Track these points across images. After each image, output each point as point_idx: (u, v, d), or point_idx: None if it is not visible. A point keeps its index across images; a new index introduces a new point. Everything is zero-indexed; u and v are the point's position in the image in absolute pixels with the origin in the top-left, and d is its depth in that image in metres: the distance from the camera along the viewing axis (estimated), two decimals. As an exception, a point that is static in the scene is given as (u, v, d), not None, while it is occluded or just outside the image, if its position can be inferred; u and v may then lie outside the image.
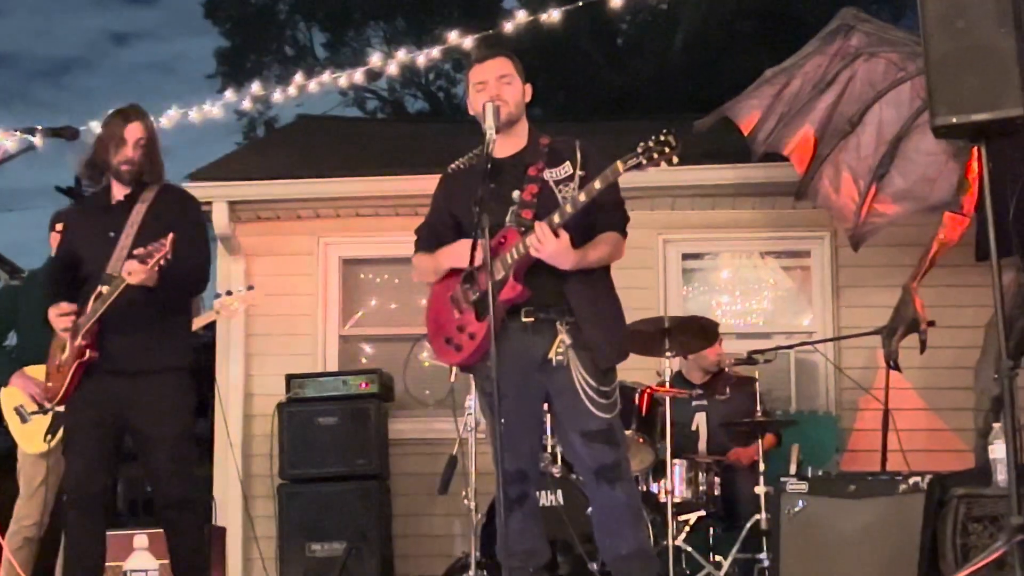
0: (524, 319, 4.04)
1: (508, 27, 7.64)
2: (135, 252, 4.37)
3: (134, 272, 4.37)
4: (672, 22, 19.60)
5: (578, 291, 4.06)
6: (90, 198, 4.86)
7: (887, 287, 6.83)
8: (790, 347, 7.20)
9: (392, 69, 8.24)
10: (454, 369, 4.50)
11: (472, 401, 5.78)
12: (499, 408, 3.76)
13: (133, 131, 4.63)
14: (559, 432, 4.31)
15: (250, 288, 6.12)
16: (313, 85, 8.19)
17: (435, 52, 8.19)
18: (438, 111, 22.01)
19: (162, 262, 4.33)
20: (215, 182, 7.76)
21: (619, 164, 3.89)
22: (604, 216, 4.13)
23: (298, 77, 8.22)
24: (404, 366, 7.40)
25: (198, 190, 7.45)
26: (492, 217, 3.86)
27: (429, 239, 4.34)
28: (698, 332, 6.16)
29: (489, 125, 3.99)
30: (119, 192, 4.68)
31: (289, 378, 7.40)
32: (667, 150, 3.84)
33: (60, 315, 4.55)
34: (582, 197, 3.94)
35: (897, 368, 6.04)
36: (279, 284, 7.65)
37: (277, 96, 8.43)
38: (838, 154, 6.73)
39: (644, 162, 3.86)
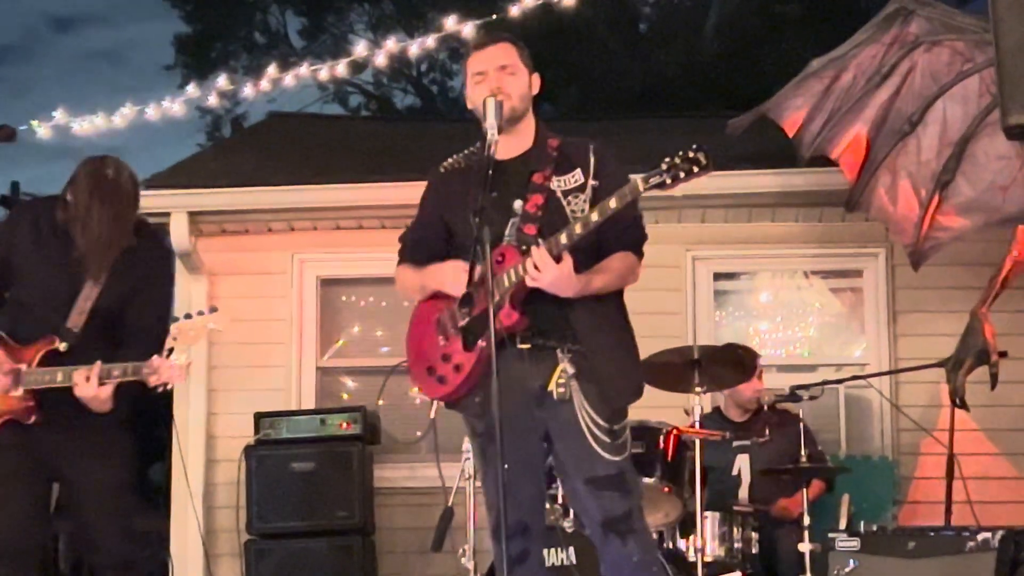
0: (520, 345, 4.03)
1: (514, 10, 7.68)
2: (99, 364, 4.35)
3: (82, 389, 4.36)
4: (703, 5, 19.68)
5: (585, 317, 4.04)
6: (45, 215, 4.72)
7: (952, 312, 6.83)
8: (840, 382, 7.20)
9: (379, 60, 8.27)
10: (435, 403, 4.46)
11: (470, 445, 5.77)
12: (501, 450, 3.75)
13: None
14: (561, 478, 4.29)
15: (213, 311, 6.11)
16: (288, 78, 8.22)
17: (429, 40, 8.22)
18: (432, 108, 22.07)
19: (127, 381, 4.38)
20: (173, 190, 7.79)
21: (639, 182, 3.87)
22: (617, 233, 4.09)
23: (270, 69, 8.25)
24: (378, 394, 7.39)
25: (154, 199, 7.48)
26: (490, 228, 3.86)
27: (416, 249, 4.32)
28: (733, 364, 6.15)
29: (490, 124, 3.98)
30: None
31: (258, 417, 7.41)
32: (696, 168, 3.81)
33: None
34: (594, 217, 3.91)
35: (964, 406, 6.04)
36: (247, 308, 7.66)
37: (246, 91, 8.46)
38: (895, 158, 6.74)
39: (668, 181, 3.83)
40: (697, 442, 5.79)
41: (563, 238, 3.92)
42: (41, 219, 4.67)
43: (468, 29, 7.71)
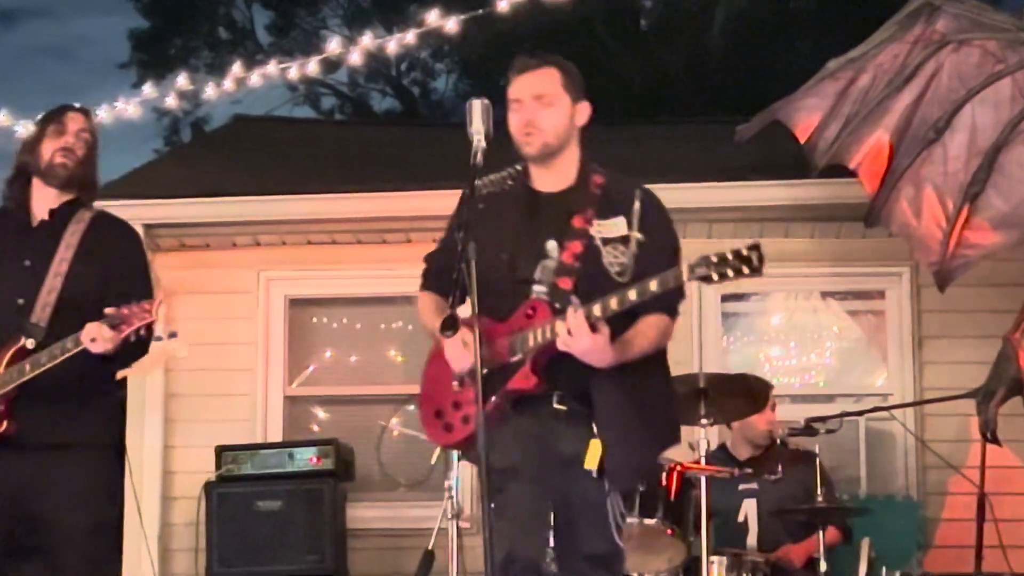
0: (557, 406, 4.06)
1: (503, 5, 7.69)
2: (107, 312, 4.32)
3: (99, 340, 4.31)
4: (709, 0, 19.74)
5: (604, 392, 4.03)
6: None
7: (982, 338, 6.83)
8: (859, 414, 7.19)
9: (354, 58, 8.29)
10: (437, 449, 4.51)
11: (453, 482, 5.77)
12: (487, 492, 3.76)
13: (75, 120, 4.68)
14: (560, 550, 4.28)
15: (172, 336, 6.10)
16: (254, 78, 8.23)
17: (409, 36, 8.23)
18: (412, 111, 22.11)
19: (142, 331, 4.33)
20: (127, 200, 7.72)
21: (684, 272, 3.91)
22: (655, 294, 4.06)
23: (235, 67, 8.26)
24: (378, 441, 7.37)
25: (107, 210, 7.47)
26: (519, 267, 3.88)
27: (439, 277, 4.25)
28: (743, 394, 6.15)
29: (476, 128, 3.95)
30: (41, 208, 4.67)
31: (220, 450, 7.39)
32: (747, 269, 3.84)
33: None
34: (632, 295, 3.92)
35: (996, 441, 6.04)
36: (209, 330, 7.65)
37: (209, 91, 8.46)
38: (920, 168, 6.75)
39: (715, 277, 3.88)
40: (703, 480, 5.79)
41: (596, 310, 3.91)
42: None
43: (452, 25, 7.72)
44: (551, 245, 4.08)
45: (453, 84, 22.71)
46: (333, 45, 8.49)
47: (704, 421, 5.94)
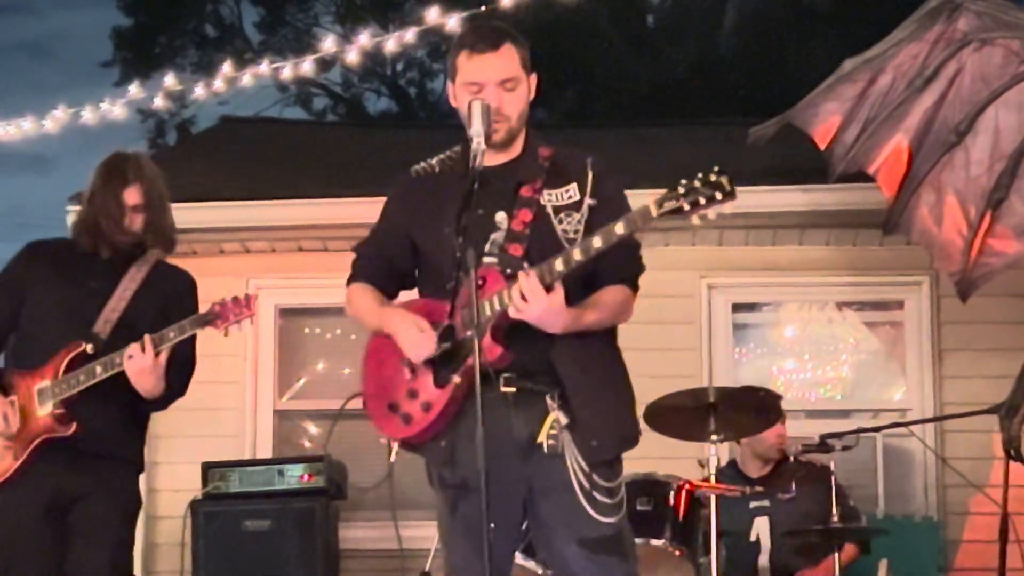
0: (504, 388, 4.02)
1: (506, 2, 7.70)
2: (147, 337, 4.66)
3: (136, 357, 4.66)
4: (720, -4, 19.79)
5: (568, 357, 4.00)
6: (61, 242, 5.21)
7: (1005, 351, 6.84)
8: (877, 430, 7.19)
9: (349, 57, 8.30)
10: (395, 446, 4.43)
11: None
12: (487, 499, 3.73)
13: (132, 195, 4.92)
14: (543, 543, 4.26)
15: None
16: (244, 77, 8.25)
17: (407, 35, 8.24)
18: (409, 113, 22.15)
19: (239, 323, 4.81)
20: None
21: (652, 206, 3.82)
22: (612, 262, 4.04)
23: (224, 67, 8.27)
24: (327, 436, 7.35)
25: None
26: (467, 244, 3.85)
27: (375, 266, 4.29)
28: (754, 409, 6.15)
29: (476, 130, 3.95)
30: (105, 251, 4.96)
31: (207, 467, 7.40)
32: (719, 195, 3.81)
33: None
34: (596, 243, 3.86)
35: (1020, 459, 6.04)
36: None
37: (196, 91, 8.48)
38: (940, 173, 6.76)
39: (686, 207, 3.82)
40: (713, 498, 5.79)
41: (558, 265, 3.87)
42: (60, 252, 5.06)
43: (453, 23, 7.73)
44: (500, 216, 4.05)
45: (451, 84, 22.72)
46: (326, 44, 8.53)
47: (714, 437, 5.93)
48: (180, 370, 4.92)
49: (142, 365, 4.66)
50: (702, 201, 3.79)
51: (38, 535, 4.74)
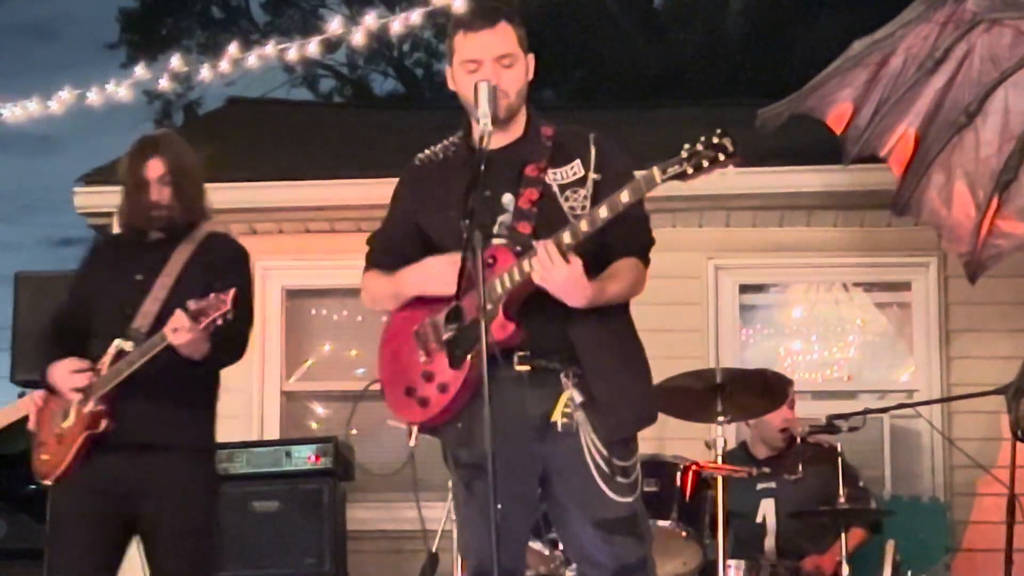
0: (518, 367, 4.02)
1: (511, -17, 7.70)
2: (189, 306, 4.60)
3: (181, 330, 4.60)
4: (728, -23, 19.74)
5: (586, 334, 4.01)
6: (116, 234, 5.32)
7: (1013, 332, 6.84)
8: (884, 411, 7.20)
9: (355, 38, 8.28)
10: (414, 430, 4.44)
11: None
12: (494, 488, 3.74)
13: (154, 168, 4.96)
14: (558, 522, 4.27)
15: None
16: (250, 58, 8.23)
17: (413, 16, 8.23)
18: (416, 94, 22.11)
19: (219, 321, 4.60)
20: (115, 186, 7.72)
21: (655, 172, 3.84)
22: (623, 235, 4.05)
23: (230, 48, 8.26)
24: (347, 421, 7.37)
25: (94, 196, 7.51)
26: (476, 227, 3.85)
27: (386, 254, 4.30)
28: (761, 390, 6.16)
29: (483, 112, 3.96)
30: (154, 233, 5.01)
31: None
32: (722, 156, 3.81)
33: (74, 372, 4.78)
34: (603, 213, 3.88)
35: (1027, 440, 6.04)
36: (202, 323, 7.66)
37: (202, 73, 8.47)
38: (950, 155, 6.75)
39: (690, 171, 3.82)
40: (720, 480, 5.80)
41: (567, 237, 3.88)
42: (112, 246, 5.22)
43: (459, 4, 7.71)
44: (507, 198, 4.06)
45: (458, 65, 22.71)
46: (333, 25, 8.47)
47: (720, 418, 5.95)
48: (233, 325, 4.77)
49: (182, 338, 4.61)
50: (705, 163, 3.81)
51: (88, 532, 4.76)
